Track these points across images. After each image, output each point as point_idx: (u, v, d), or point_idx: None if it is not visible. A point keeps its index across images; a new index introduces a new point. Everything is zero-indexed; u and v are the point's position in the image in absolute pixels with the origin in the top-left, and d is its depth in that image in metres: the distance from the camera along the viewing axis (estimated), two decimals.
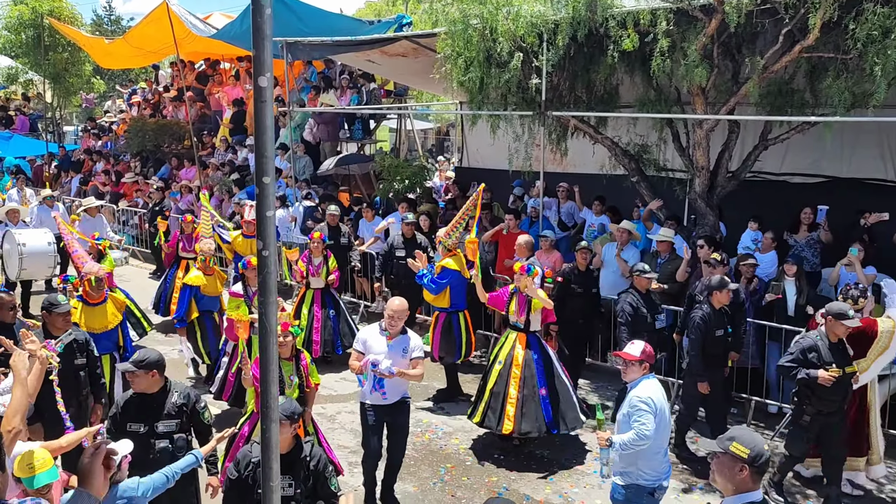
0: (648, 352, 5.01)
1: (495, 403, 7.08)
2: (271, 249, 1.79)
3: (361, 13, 32.75)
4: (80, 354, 6.02)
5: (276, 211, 7.56)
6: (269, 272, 1.80)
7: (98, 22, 46.16)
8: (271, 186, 1.74)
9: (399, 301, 6.03)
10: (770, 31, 7.77)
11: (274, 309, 1.82)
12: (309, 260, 9.44)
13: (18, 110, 24.56)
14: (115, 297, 7.36)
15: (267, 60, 1.69)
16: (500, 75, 8.93)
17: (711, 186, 9.03)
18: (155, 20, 15.88)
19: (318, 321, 9.41)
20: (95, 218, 12.38)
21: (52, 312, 5.81)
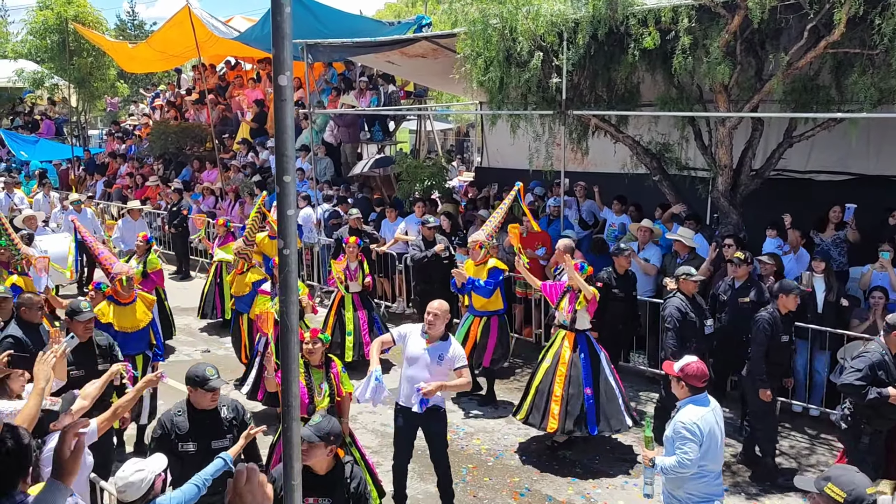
0: (691, 371, 4.64)
1: (540, 401, 7.03)
2: (292, 248, 1.78)
3: (381, 14, 32.84)
4: (103, 360, 5.96)
5: (301, 210, 7.63)
6: (290, 270, 1.80)
7: (121, 27, 46.64)
8: (292, 185, 1.74)
9: (439, 301, 5.84)
10: (794, 26, 7.68)
11: (295, 308, 1.82)
12: (346, 264, 9.42)
13: (44, 115, 24.93)
14: (145, 296, 7.39)
15: (287, 59, 1.69)
16: (520, 75, 8.90)
17: (734, 185, 8.94)
18: (177, 24, 16.03)
19: (365, 323, 9.41)
20: (138, 221, 12.48)
21: (74, 320, 5.80)
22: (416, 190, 12.75)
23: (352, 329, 9.30)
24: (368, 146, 16.58)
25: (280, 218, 1.78)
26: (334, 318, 9.45)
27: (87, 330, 5.88)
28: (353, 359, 9.16)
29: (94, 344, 5.97)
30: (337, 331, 9.34)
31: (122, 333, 6.83)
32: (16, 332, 6.05)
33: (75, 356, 5.64)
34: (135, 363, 6.89)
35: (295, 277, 1.81)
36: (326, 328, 9.39)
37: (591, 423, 6.90)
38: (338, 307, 9.49)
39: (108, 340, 6.17)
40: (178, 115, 19.75)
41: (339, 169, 15.45)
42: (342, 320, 9.38)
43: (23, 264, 8.21)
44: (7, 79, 23.00)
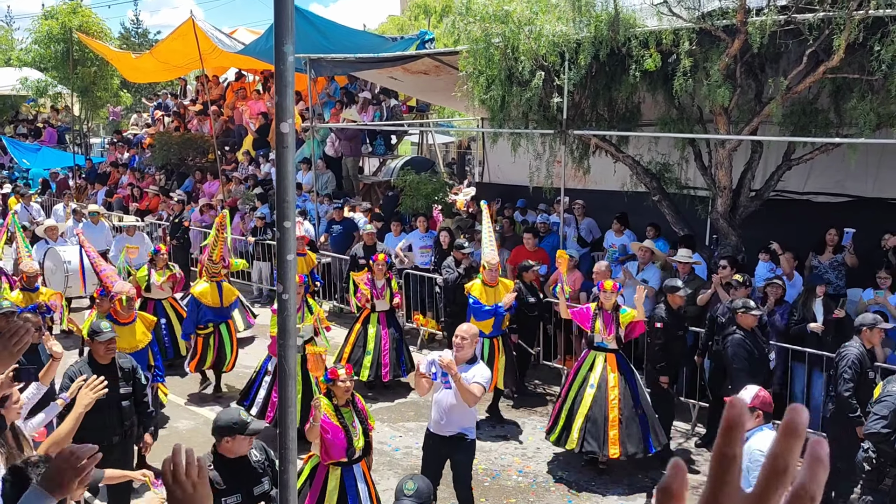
0: (764, 398, 4.67)
1: (594, 428, 6.97)
2: (291, 293, 1.80)
3: (384, 28, 33.03)
4: (125, 382, 5.76)
5: (301, 225, 7.55)
6: (288, 315, 1.81)
7: (126, 35, 46.83)
8: (291, 231, 1.76)
9: (468, 325, 5.78)
10: (794, 51, 7.72)
11: (293, 352, 1.83)
12: (372, 283, 9.22)
13: (47, 122, 25.01)
14: (145, 316, 7.28)
15: (289, 107, 1.72)
16: (522, 94, 8.94)
17: (734, 206, 8.97)
18: (181, 35, 16.11)
19: (387, 344, 9.21)
20: (135, 236, 12.43)
21: (95, 340, 5.60)
22: (416, 206, 12.76)
23: (372, 348, 9.15)
24: (370, 159, 16.64)
25: (280, 263, 1.80)
26: (356, 334, 9.31)
27: (109, 351, 5.66)
28: (368, 378, 9.07)
29: (117, 366, 5.76)
30: (358, 347, 9.22)
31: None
32: None
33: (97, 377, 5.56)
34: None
35: (293, 322, 1.83)
36: (347, 344, 9.29)
37: (649, 442, 6.98)
38: (362, 324, 9.34)
39: (131, 363, 5.94)
40: (180, 125, 19.81)
41: (341, 182, 15.48)
42: (365, 337, 9.23)
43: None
44: (11, 87, 23.09)
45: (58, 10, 20.67)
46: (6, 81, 23.87)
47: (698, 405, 8.20)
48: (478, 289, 8.25)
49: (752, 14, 7.43)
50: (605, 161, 10.29)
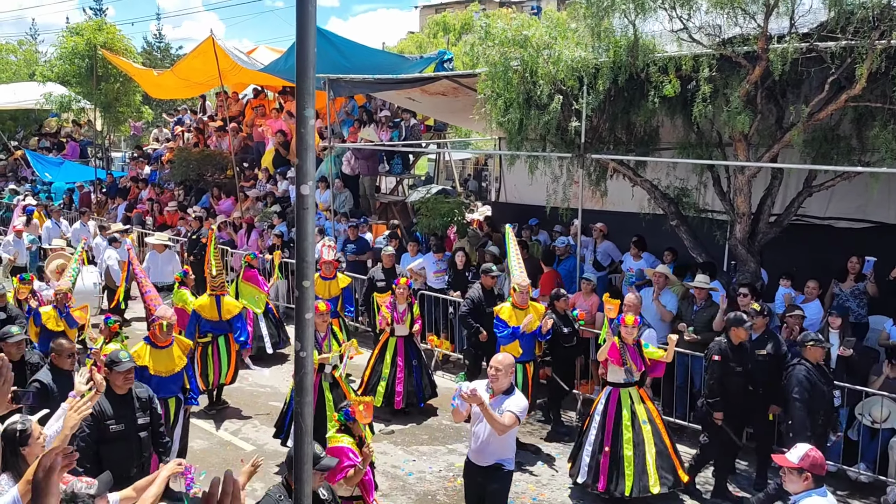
0: (814, 460, 4.24)
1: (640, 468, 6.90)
2: (309, 351, 1.80)
3: (403, 45, 33.26)
4: (143, 413, 5.66)
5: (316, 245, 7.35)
6: (305, 373, 1.81)
7: (149, 49, 47.48)
8: (311, 290, 1.76)
9: (504, 355, 5.65)
10: (815, 77, 7.68)
11: (310, 409, 1.83)
12: (393, 306, 9.12)
13: (69, 136, 25.33)
14: (181, 339, 7.22)
15: (310, 170, 1.72)
16: (540, 117, 8.94)
17: (753, 232, 8.89)
18: (201, 53, 16.26)
19: (402, 371, 9.10)
20: (163, 254, 12.45)
21: (114, 370, 5.47)
22: (436, 225, 12.74)
23: (386, 375, 9.08)
24: (387, 178, 16.69)
25: (298, 322, 1.80)
26: (375, 359, 9.25)
27: (128, 381, 5.56)
28: (381, 404, 9.00)
29: (134, 396, 5.66)
30: (374, 373, 9.19)
31: (157, 377, 6.70)
32: (45, 377, 5.93)
33: (114, 409, 5.44)
34: (167, 406, 6.74)
35: (311, 380, 1.82)
36: (367, 369, 9.27)
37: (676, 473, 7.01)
38: (381, 349, 9.27)
39: (148, 392, 5.87)
40: (200, 140, 19.98)
41: (358, 201, 15.53)
42: (381, 363, 9.17)
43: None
44: (35, 101, 23.40)
45: (84, 26, 20.93)
46: (30, 95, 24.19)
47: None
48: (507, 311, 8.13)
49: (774, 41, 7.40)
50: (623, 183, 10.26)
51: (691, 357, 8.29)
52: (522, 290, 8.09)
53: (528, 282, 8.19)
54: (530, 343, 8.14)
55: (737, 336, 7.03)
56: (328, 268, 10.34)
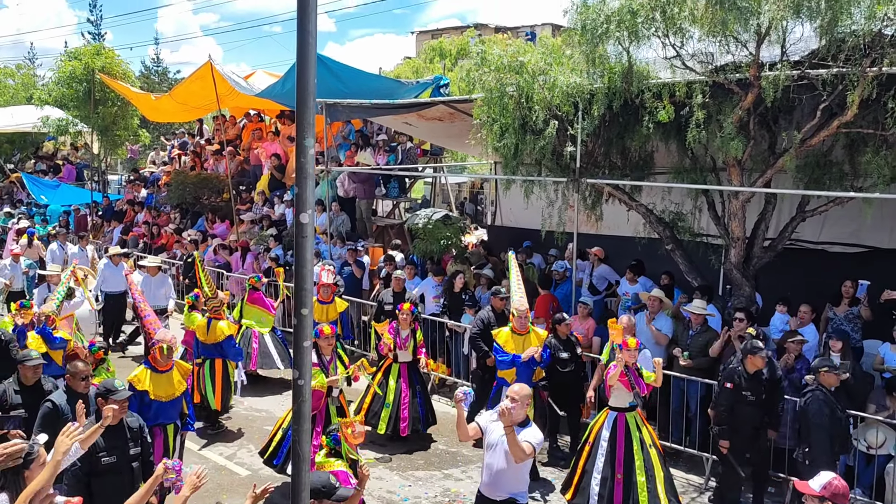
0: (836, 488, 4.18)
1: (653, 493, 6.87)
2: (307, 379, 1.81)
3: (399, 70, 33.54)
4: (134, 443, 5.51)
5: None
6: (303, 400, 1.82)
7: (146, 73, 47.76)
8: (309, 318, 1.77)
9: (520, 385, 5.54)
10: (807, 104, 7.77)
11: (307, 437, 1.83)
12: (396, 332, 9.03)
13: (66, 159, 25.37)
14: (181, 364, 7.12)
15: (309, 198, 1.74)
16: (535, 142, 9.00)
17: (747, 257, 8.93)
18: (199, 78, 16.36)
19: (406, 397, 9.00)
20: (156, 277, 12.41)
21: (110, 399, 5.29)
22: (434, 250, 12.75)
23: (391, 401, 8.94)
24: (384, 202, 16.75)
25: (296, 350, 1.81)
26: (376, 385, 9.10)
27: (122, 410, 5.40)
28: (385, 431, 8.91)
29: (126, 426, 5.51)
30: (377, 399, 9.04)
31: (156, 402, 6.59)
32: (59, 398, 5.83)
33: (106, 440, 5.27)
34: (165, 432, 6.65)
35: (308, 408, 1.83)
36: (367, 394, 9.12)
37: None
38: (383, 374, 9.15)
39: (139, 422, 5.72)
40: (197, 164, 20.05)
41: (355, 224, 15.57)
42: (385, 389, 9.03)
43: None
44: (32, 125, 23.46)
45: (82, 51, 21.05)
46: (27, 119, 24.24)
47: (711, 459, 8.08)
48: (504, 336, 8.11)
49: (766, 68, 7.50)
50: (619, 208, 10.32)
51: (687, 381, 8.28)
52: (521, 315, 8.06)
53: (527, 307, 8.16)
54: (527, 369, 8.06)
55: (752, 364, 6.92)
56: (326, 291, 10.32)
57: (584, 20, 8.09)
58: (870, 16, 6.70)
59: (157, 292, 12.22)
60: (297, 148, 1.69)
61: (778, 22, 7.21)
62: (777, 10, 7.03)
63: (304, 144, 1.69)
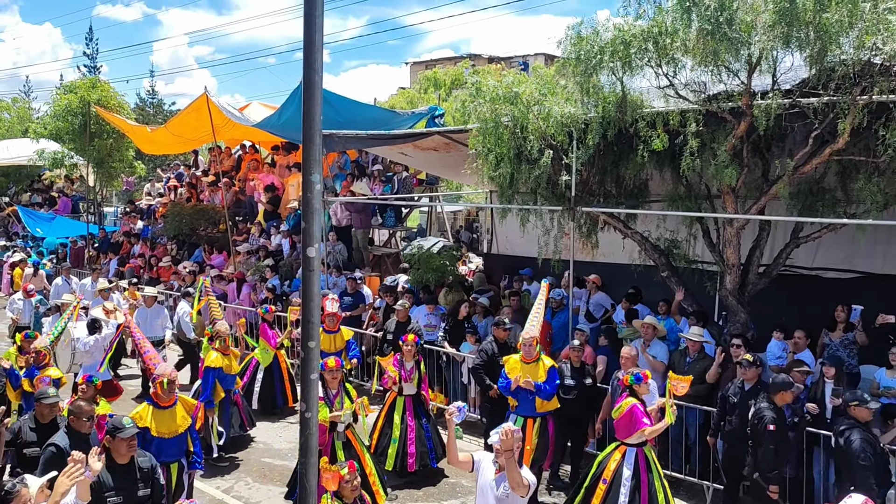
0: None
1: None
2: (314, 411, 1.82)
3: (394, 101, 33.79)
4: (144, 484, 5.32)
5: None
6: (310, 433, 1.82)
7: (142, 105, 48.06)
8: (316, 351, 1.79)
9: (508, 425, 5.35)
10: (799, 131, 7.86)
11: (314, 470, 1.84)
12: (401, 364, 8.85)
13: (61, 192, 25.41)
14: (185, 399, 6.97)
15: (316, 233, 1.76)
16: (530, 171, 9.07)
17: (743, 283, 8.97)
18: (195, 110, 16.51)
19: (413, 431, 8.77)
20: (152, 308, 12.34)
21: (117, 437, 5.17)
22: (429, 278, 12.76)
23: (397, 437, 8.74)
24: (380, 231, 16.78)
25: (304, 382, 1.82)
26: (383, 420, 8.92)
27: (131, 448, 5.26)
28: (393, 467, 8.68)
29: (136, 466, 5.35)
30: (384, 435, 8.85)
31: (158, 439, 6.39)
32: (61, 440, 5.65)
33: (114, 480, 5.10)
34: (169, 471, 6.45)
35: (315, 441, 1.84)
36: (375, 430, 8.91)
37: None
38: (388, 409, 8.96)
39: (151, 462, 5.56)
40: (193, 195, 20.10)
41: (351, 254, 15.59)
42: (390, 424, 8.83)
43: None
44: (28, 157, 23.56)
45: (78, 84, 21.22)
46: (23, 152, 24.39)
47: (713, 487, 8.04)
48: (511, 363, 8.06)
49: (758, 97, 7.59)
50: (614, 235, 10.36)
51: (685, 409, 8.27)
52: (526, 343, 8.02)
53: (533, 335, 8.05)
54: (528, 398, 7.94)
55: (782, 400, 6.84)
56: (332, 320, 10.25)
57: (578, 51, 8.19)
58: (858, 45, 6.81)
59: (153, 323, 12.19)
60: (303, 183, 1.72)
61: (768, 52, 7.33)
62: (767, 41, 7.14)
63: (310, 180, 1.72)
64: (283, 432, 10.39)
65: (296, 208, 15.88)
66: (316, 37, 1.75)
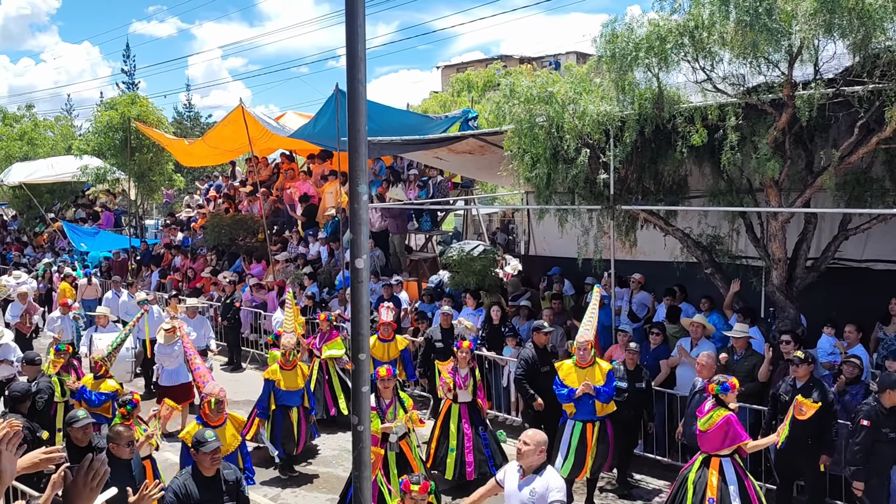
0: None
1: None
2: (366, 424, 1.80)
3: (427, 105, 33.84)
4: (229, 498, 5.31)
5: None
6: (363, 447, 1.80)
7: (179, 119, 48.87)
8: (366, 363, 1.77)
9: (534, 431, 5.32)
10: (844, 121, 7.67)
11: (368, 484, 1.82)
12: (455, 371, 8.64)
13: (104, 206, 25.94)
14: (235, 417, 6.96)
15: (364, 243, 1.75)
16: (567, 171, 9.00)
17: (790, 278, 8.77)
18: (232, 122, 16.70)
19: (470, 440, 8.52)
20: (195, 319, 12.47)
21: (200, 451, 5.23)
22: (469, 282, 12.70)
23: (455, 445, 8.49)
24: (416, 236, 16.81)
25: (355, 394, 1.81)
26: (439, 430, 8.72)
27: (215, 462, 5.24)
28: (453, 477, 8.48)
29: (221, 479, 5.33)
30: (441, 444, 8.65)
31: None
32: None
33: (201, 492, 5.13)
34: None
35: (368, 453, 1.82)
36: (432, 440, 8.75)
37: None
38: (444, 418, 8.74)
39: (235, 474, 5.52)
40: (231, 206, 20.36)
41: (388, 259, 15.63)
42: (446, 433, 8.62)
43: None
44: (71, 174, 24.08)
45: (118, 101, 21.67)
46: (67, 168, 24.92)
47: (765, 487, 7.86)
48: (565, 369, 7.90)
49: (799, 88, 7.43)
50: (654, 233, 10.23)
51: None
52: (580, 347, 7.88)
53: (587, 339, 7.88)
54: (587, 402, 7.77)
55: (890, 399, 6.59)
56: (386, 330, 10.20)
57: (612, 48, 8.11)
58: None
59: (196, 334, 12.33)
60: (350, 194, 1.70)
61: (809, 41, 7.16)
62: (808, 30, 6.98)
63: (357, 191, 1.70)
64: (328, 439, 10.41)
65: (333, 216, 15.98)
66: (358, 47, 1.74)
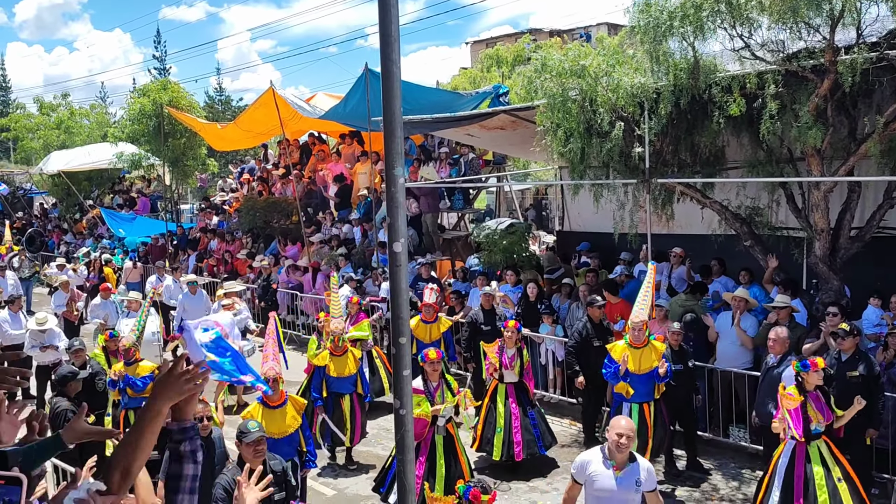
0: None
1: None
2: (409, 408, 1.78)
3: (456, 81, 33.63)
4: (278, 489, 5.18)
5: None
6: (406, 430, 1.79)
7: (210, 103, 49.29)
8: (407, 346, 1.74)
9: (626, 420, 5.13)
10: (888, 86, 7.43)
11: (412, 467, 1.80)
12: (502, 350, 8.55)
13: (140, 192, 26.35)
14: (296, 399, 6.93)
15: (401, 227, 1.72)
16: (602, 145, 8.86)
17: (833, 249, 8.57)
18: (262, 105, 16.75)
19: (517, 419, 8.40)
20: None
21: (243, 442, 5.14)
22: (497, 259, 12.66)
23: (502, 425, 8.39)
24: (449, 214, 16.77)
25: (396, 378, 1.79)
26: (486, 410, 8.60)
27: (258, 453, 5.16)
28: (500, 458, 8.41)
29: (269, 470, 5.21)
30: (488, 425, 8.55)
31: (270, 440, 6.11)
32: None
33: None
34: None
35: (411, 437, 1.80)
36: (479, 421, 8.52)
37: None
38: (490, 398, 8.66)
39: (282, 464, 5.48)
40: (264, 189, 20.51)
41: (422, 238, 15.63)
42: (493, 413, 8.54)
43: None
44: (108, 161, 24.45)
45: (150, 87, 21.88)
46: (103, 156, 25.32)
47: None
48: (619, 350, 7.79)
49: (841, 53, 7.20)
50: (691, 206, 10.06)
51: None
52: (634, 328, 7.74)
53: (642, 319, 7.75)
54: (645, 384, 7.70)
55: None
56: (429, 311, 10.18)
57: (646, 18, 7.92)
58: None
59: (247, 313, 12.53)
60: (387, 178, 1.67)
61: (852, 4, 6.94)
62: None
63: (393, 174, 1.67)
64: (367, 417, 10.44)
65: (366, 196, 16.01)
66: (392, 27, 1.70)
